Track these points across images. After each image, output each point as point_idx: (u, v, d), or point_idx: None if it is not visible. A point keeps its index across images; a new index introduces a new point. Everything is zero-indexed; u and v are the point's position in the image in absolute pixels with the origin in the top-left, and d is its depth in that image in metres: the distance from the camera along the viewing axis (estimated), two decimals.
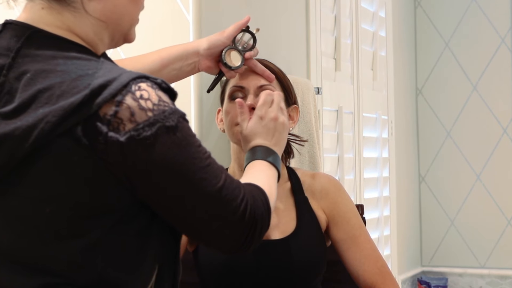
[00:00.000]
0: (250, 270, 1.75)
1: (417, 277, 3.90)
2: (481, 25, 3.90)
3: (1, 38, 1.16)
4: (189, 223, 1.17)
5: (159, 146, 1.10)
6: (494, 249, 3.86)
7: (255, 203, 1.21)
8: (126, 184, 1.11)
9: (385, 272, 1.84)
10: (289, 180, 1.87)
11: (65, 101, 1.06)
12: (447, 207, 3.96)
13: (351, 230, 1.84)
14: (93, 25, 1.19)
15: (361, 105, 3.20)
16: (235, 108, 1.81)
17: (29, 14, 1.19)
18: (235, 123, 1.80)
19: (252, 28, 1.79)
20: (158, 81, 1.15)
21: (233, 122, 1.80)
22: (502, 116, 3.86)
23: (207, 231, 1.18)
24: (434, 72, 4.00)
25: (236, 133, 1.79)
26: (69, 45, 1.15)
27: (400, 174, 3.71)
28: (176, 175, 1.12)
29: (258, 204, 1.22)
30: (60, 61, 1.12)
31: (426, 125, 4.01)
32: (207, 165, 1.16)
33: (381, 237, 3.32)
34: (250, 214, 1.19)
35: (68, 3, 1.17)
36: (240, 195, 1.19)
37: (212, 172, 1.16)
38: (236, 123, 1.79)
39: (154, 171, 1.10)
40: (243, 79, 1.83)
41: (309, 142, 2.47)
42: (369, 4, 3.38)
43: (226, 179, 1.18)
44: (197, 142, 1.16)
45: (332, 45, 2.99)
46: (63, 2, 1.17)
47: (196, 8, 2.20)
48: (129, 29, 1.28)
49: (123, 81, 1.09)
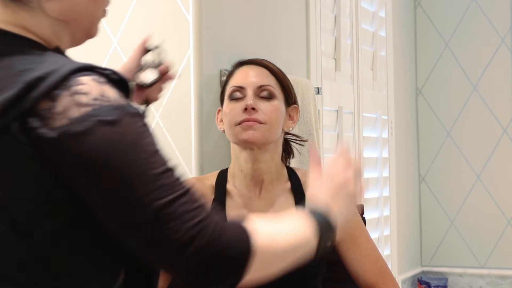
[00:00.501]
0: None
1: (417, 277, 3.90)
2: (481, 25, 3.89)
3: None
4: (125, 232, 1.03)
5: (93, 140, 0.99)
6: (494, 249, 3.86)
7: (220, 237, 1.02)
8: (68, 184, 1.02)
9: (385, 272, 1.84)
10: (289, 180, 1.87)
11: (1, 96, 1.01)
12: (447, 207, 3.96)
13: (351, 230, 1.84)
14: (51, 25, 1.13)
15: (361, 105, 3.20)
16: (235, 108, 1.81)
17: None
18: (235, 123, 1.80)
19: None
20: (106, 72, 1.07)
21: (233, 122, 1.80)
22: (502, 116, 3.86)
23: (141, 248, 1.03)
24: (434, 72, 4.00)
25: (237, 134, 1.79)
26: (21, 41, 1.10)
27: (400, 174, 3.71)
28: (111, 172, 1.00)
29: (224, 239, 1.02)
30: (6, 57, 1.06)
31: (426, 125, 4.01)
32: (160, 173, 1.01)
33: (381, 237, 3.32)
34: (202, 245, 1.00)
35: (24, 2, 1.11)
36: (196, 218, 1.01)
37: (163, 183, 1.01)
38: (236, 123, 1.80)
39: (89, 167, 1.00)
40: (242, 79, 1.84)
41: (309, 142, 2.47)
42: (369, 4, 3.38)
43: (183, 196, 1.02)
44: (151, 146, 1.03)
45: (332, 45, 2.99)
46: (19, 2, 1.11)
47: (196, 8, 2.20)
48: (91, 27, 1.20)
49: (62, 74, 1.02)
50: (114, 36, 2.31)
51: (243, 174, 1.84)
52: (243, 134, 1.79)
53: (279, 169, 1.87)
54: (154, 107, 2.27)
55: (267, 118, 1.80)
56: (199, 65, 2.20)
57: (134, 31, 2.29)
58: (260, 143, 1.80)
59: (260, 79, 1.84)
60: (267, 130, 1.80)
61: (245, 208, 1.82)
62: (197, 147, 2.19)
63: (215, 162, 2.20)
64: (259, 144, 1.80)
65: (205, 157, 2.21)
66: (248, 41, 2.42)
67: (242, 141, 1.80)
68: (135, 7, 2.29)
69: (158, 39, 2.22)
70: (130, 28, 2.29)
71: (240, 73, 1.87)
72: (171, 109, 2.24)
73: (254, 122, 1.79)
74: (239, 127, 1.80)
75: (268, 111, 1.81)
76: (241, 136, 1.79)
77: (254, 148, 1.81)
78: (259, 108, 1.80)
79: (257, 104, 1.81)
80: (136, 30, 2.29)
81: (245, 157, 1.83)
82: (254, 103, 1.80)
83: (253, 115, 1.79)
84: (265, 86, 1.83)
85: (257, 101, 1.81)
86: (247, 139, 1.78)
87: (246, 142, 1.79)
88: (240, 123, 1.80)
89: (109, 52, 2.32)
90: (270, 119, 1.80)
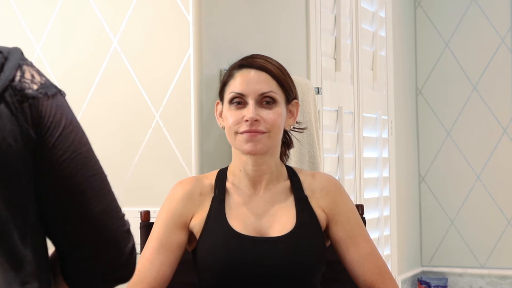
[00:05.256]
0: (249, 268, 1.75)
1: (417, 277, 3.90)
2: (481, 25, 3.90)
3: None
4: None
5: (62, 103, 1.16)
6: (494, 249, 3.86)
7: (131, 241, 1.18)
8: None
9: (385, 272, 1.84)
10: (288, 178, 1.87)
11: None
12: (447, 207, 3.96)
13: (351, 230, 1.84)
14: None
15: (361, 105, 3.20)
16: (235, 115, 1.80)
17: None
18: (236, 132, 1.79)
19: None
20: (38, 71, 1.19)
21: (234, 130, 1.80)
22: (502, 116, 3.86)
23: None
24: (434, 72, 4.00)
25: (239, 143, 1.79)
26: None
27: (400, 174, 3.71)
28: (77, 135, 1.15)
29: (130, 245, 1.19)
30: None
31: (426, 125, 4.01)
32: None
33: (381, 237, 3.32)
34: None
35: None
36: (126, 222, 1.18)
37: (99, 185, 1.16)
38: (237, 132, 1.79)
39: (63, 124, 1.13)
40: (243, 86, 1.81)
41: (309, 142, 2.47)
42: (369, 4, 3.38)
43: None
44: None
45: (332, 45, 2.99)
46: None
47: (196, 8, 2.20)
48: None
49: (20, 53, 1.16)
50: (114, 36, 2.31)
51: (243, 174, 1.84)
52: (246, 145, 1.78)
53: (279, 168, 1.87)
54: (154, 107, 2.27)
55: (269, 127, 1.79)
56: (199, 65, 2.20)
57: (134, 31, 2.29)
58: (262, 152, 1.80)
59: (261, 86, 1.82)
60: (270, 138, 1.80)
61: (244, 206, 1.82)
62: (197, 147, 2.20)
63: (215, 162, 2.20)
64: (262, 153, 1.80)
65: (205, 157, 2.21)
66: (248, 41, 2.42)
67: (244, 152, 1.80)
68: (135, 7, 2.29)
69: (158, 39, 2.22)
70: (130, 28, 2.30)
71: (240, 78, 1.84)
72: (171, 109, 2.24)
73: (256, 133, 1.78)
74: (241, 137, 1.79)
75: (270, 120, 1.79)
76: (244, 147, 1.79)
77: (256, 154, 1.81)
78: (261, 117, 1.79)
79: (259, 113, 1.79)
80: (136, 30, 2.29)
81: (246, 159, 1.82)
82: (256, 114, 1.79)
83: (256, 127, 1.78)
84: (267, 93, 1.81)
85: (259, 110, 1.80)
86: (250, 151, 1.78)
87: (249, 153, 1.79)
88: (242, 133, 1.79)
89: (109, 52, 2.32)
90: (272, 127, 1.80)
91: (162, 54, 2.26)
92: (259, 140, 1.78)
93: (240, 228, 1.78)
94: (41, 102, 1.12)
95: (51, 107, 1.12)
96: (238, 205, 1.83)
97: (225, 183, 1.85)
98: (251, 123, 1.78)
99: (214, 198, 1.83)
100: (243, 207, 1.82)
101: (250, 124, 1.77)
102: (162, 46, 2.26)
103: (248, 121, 1.78)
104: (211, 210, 1.81)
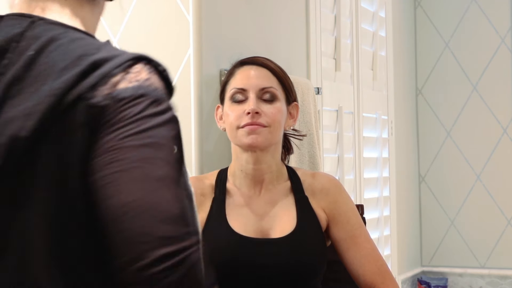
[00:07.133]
0: (250, 269, 1.75)
1: (417, 277, 3.90)
2: (481, 25, 3.90)
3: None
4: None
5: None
6: (494, 249, 3.86)
7: (197, 262, 1.05)
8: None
9: (385, 272, 1.84)
10: (289, 179, 1.87)
11: (68, 74, 1.01)
12: (447, 207, 3.96)
13: (351, 230, 1.84)
14: (98, 20, 1.21)
15: (361, 105, 3.20)
16: (237, 110, 1.81)
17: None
18: (238, 126, 1.80)
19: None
20: (160, 68, 1.09)
21: (236, 125, 1.80)
22: (502, 116, 3.86)
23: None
24: (434, 72, 4.00)
25: (240, 137, 1.79)
26: (79, 32, 1.11)
27: (400, 174, 3.71)
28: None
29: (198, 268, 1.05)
30: (65, 43, 1.06)
31: (426, 125, 4.01)
32: (182, 182, 1.05)
33: (381, 237, 3.32)
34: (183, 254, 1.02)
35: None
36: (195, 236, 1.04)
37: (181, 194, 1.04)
38: (239, 127, 1.80)
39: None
40: (244, 81, 1.83)
41: (309, 142, 2.47)
42: (369, 4, 3.38)
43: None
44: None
45: (332, 45, 2.99)
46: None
47: (196, 8, 2.20)
48: None
49: (123, 59, 1.04)
50: (114, 36, 2.31)
51: (243, 174, 1.84)
52: (247, 138, 1.79)
53: (279, 168, 1.87)
54: None
55: (270, 121, 1.80)
56: (199, 65, 2.20)
57: (134, 31, 2.29)
58: (263, 146, 1.80)
59: (262, 81, 1.83)
60: (270, 133, 1.80)
61: (245, 207, 1.83)
62: (197, 147, 2.20)
63: (215, 162, 2.20)
64: (262, 147, 1.80)
65: (205, 157, 2.21)
66: (248, 41, 2.42)
67: (245, 145, 1.80)
68: (135, 7, 2.29)
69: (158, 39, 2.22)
70: (130, 28, 2.30)
71: (241, 74, 1.86)
72: None
73: (257, 126, 1.79)
74: (242, 131, 1.80)
75: (271, 114, 1.80)
76: (245, 140, 1.79)
77: (256, 150, 1.81)
78: (262, 111, 1.80)
79: (260, 107, 1.80)
80: (136, 30, 2.29)
81: (246, 158, 1.83)
82: (257, 106, 1.80)
83: (257, 119, 1.79)
84: (268, 88, 1.82)
85: (260, 104, 1.81)
86: (251, 143, 1.79)
87: (250, 146, 1.79)
88: (243, 126, 1.80)
89: None
90: (273, 121, 1.80)
91: (162, 54, 2.26)
92: (260, 133, 1.79)
93: (241, 229, 1.78)
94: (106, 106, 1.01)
95: None
96: (239, 206, 1.83)
97: (225, 184, 1.86)
98: (252, 115, 1.78)
99: (214, 199, 1.83)
100: (243, 208, 1.82)
101: (251, 116, 1.78)
102: (162, 46, 2.26)
103: (249, 114, 1.78)
104: (211, 211, 1.82)
